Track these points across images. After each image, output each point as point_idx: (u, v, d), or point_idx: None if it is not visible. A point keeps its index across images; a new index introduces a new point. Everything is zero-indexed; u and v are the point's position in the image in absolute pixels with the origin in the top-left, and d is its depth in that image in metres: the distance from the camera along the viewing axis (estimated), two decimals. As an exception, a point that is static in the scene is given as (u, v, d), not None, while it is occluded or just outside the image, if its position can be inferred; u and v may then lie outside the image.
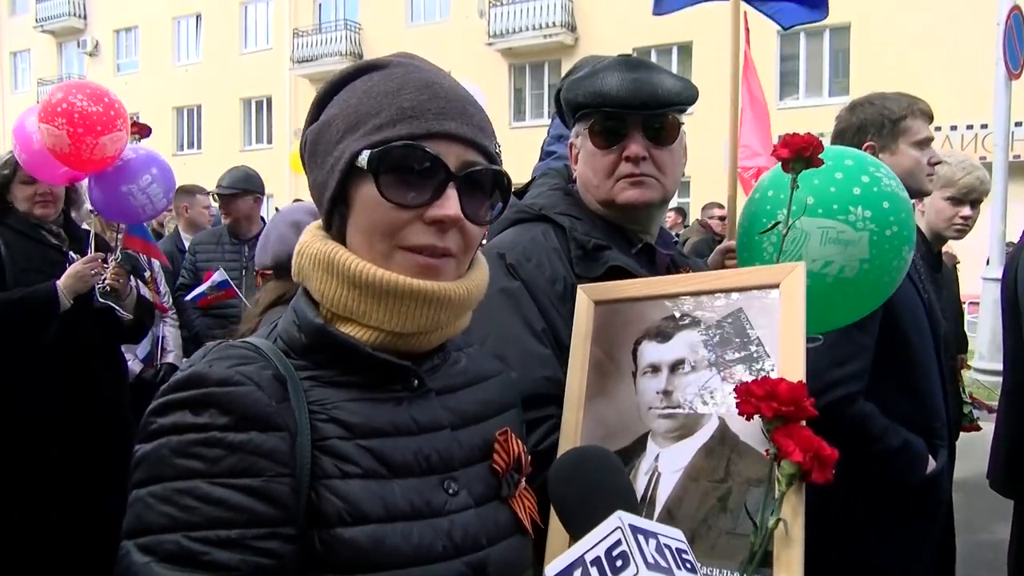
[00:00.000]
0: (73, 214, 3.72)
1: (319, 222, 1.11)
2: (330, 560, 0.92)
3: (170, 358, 4.58)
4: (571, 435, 1.30)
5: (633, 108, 1.62)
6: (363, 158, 0.99)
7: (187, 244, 5.29)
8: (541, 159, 2.58)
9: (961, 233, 3.28)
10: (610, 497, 0.93)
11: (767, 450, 1.09)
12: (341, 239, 1.05)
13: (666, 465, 1.21)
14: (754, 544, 1.05)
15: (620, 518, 0.85)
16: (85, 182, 3.65)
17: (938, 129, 16.30)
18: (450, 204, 0.99)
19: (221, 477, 0.88)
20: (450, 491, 1.02)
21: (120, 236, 3.73)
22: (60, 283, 3.32)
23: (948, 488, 2.47)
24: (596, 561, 0.83)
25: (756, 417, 1.07)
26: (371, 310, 1.01)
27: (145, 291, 3.91)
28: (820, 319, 1.64)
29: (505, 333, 1.54)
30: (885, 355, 2.20)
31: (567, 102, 1.74)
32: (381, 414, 1.01)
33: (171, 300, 4.65)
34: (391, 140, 0.99)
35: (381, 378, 1.03)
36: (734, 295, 1.29)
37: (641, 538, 0.84)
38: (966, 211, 3.23)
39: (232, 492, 0.88)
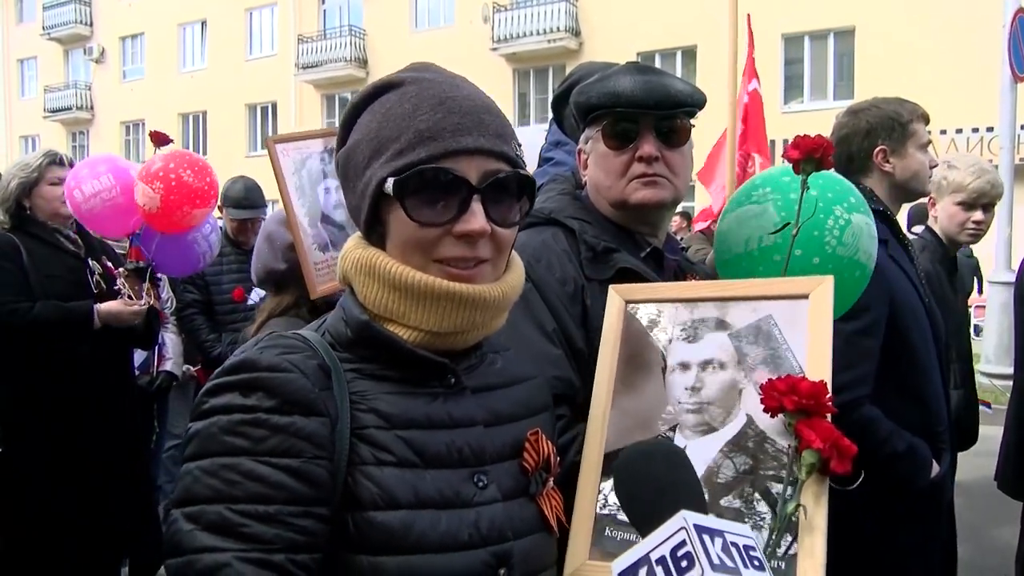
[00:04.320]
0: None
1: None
2: (362, 541, 0.98)
3: (168, 366, 4.58)
4: (599, 425, 1.34)
5: (647, 108, 1.65)
6: (389, 186, 1.04)
7: None
8: (539, 165, 2.60)
9: (975, 237, 3.27)
10: (677, 493, 0.98)
11: (789, 444, 1.13)
12: (381, 245, 1.11)
13: (693, 456, 1.24)
14: (774, 529, 1.09)
15: (685, 518, 0.88)
16: None
17: (943, 132, 16.32)
18: (475, 218, 1.04)
19: (264, 456, 0.95)
20: (480, 484, 1.07)
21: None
22: (99, 310, 3.43)
23: (951, 492, 2.47)
24: (661, 560, 0.86)
25: (780, 415, 1.13)
26: (410, 311, 1.07)
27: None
28: (840, 308, 1.69)
29: (516, 333, 1.55)
30: (888, 359, 2.21)
31: (578, 105, 1.76)
32: (418, 407, 1.06)
33: (173, 306, 4.64)
34: (413, 165, 1.03)
35: (420, 374, 1.09)
36: (764, 302, 1.33)
37: (707, 537, 0.87)
38: (978, 215, 3.23)
39: (273, 470, 0.94)
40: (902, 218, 3.61)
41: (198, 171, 3.43)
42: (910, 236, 2.92)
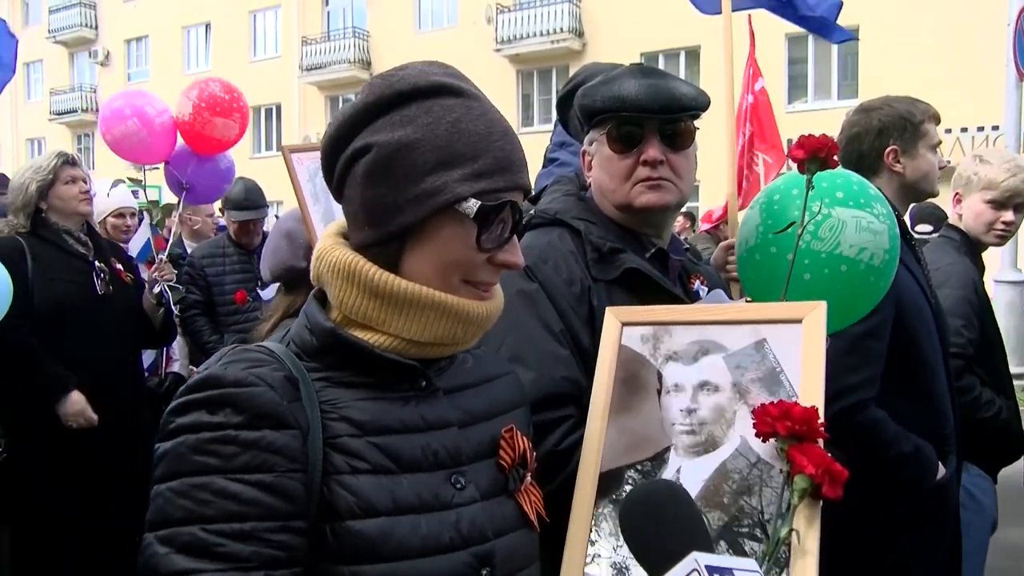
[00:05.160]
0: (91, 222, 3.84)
1: (335, 227, 1.14)
2: (341, 552, 0.97)
3: (176, 367, 4.59)
4: (595, 445, 1.34)
5: (652, 112, 1.64)
6: (470, 206, 1.03)
7: (188, 251, 5.21)
8: (544, 166, 2.60)
9: (1002, 239, 3.05)
10: (683, 534, 1.00)
11: (781, 468, 1.15)
12: (394, 252, 1.07)
13: (688, 477, 1.25)
14: (767, 553, 1.11)
15: (696, 560, 0.90)
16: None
17: (948, 131, 16.25)
18: (519, 252, 1.11)
19: (235, 473, 0.93)
20: (457, 485, 1.07)
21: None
22: (69, 399, 3.39)
23: (957, 493, 2.46)
24: None
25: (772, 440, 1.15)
26: (391, 318, 1.05)
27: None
28: (850, 308, 1.73)
29: (523, 334, 1.56)
30: (894, 360, 2.20)
31: (582, 108, 1.76)
32: (390, 412, 1.05)
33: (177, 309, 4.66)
34: (493, 191, 1.05)
35: (390, 379, 1.08)
36: (758, 327, 1.35)
37: None
38: (1008, 216, 3.00)
39: (246, 487, 0.93)
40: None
41: (225, 86, 4.51)
42: (916, 235, 2.88)
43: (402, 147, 1.04)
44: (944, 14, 17.65)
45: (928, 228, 5.76)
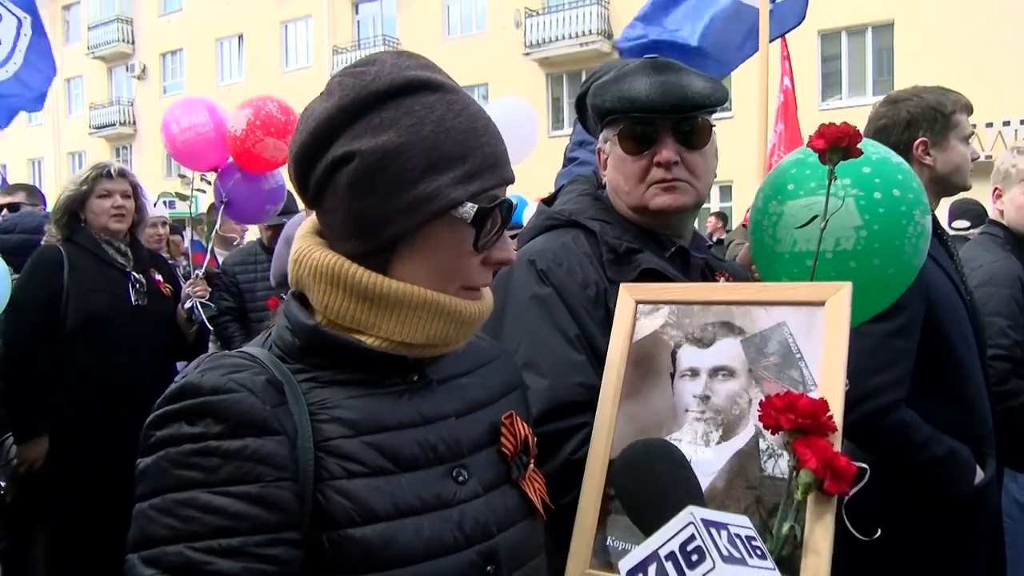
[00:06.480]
0: (137, 235, 3.85)
1: (309, 225, 1.09)
2: (342, 561, 0.93)
3: None
4: (604, 430, 1.30)
5: (663, 112, 1.59)
6: (467, 210, 1.00)
7: (219, 260, 5.26)
8: (564, 165, 2.57)
9: None
10: (679, 491, 0.97)
11: (789, 463, 1.10)
12: (383, 257, 1.02)
13: (699, 468, 1.20)
14: (771, 551, 1.05)
15: (692, 513, 0.88)
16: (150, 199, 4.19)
17: (989, 125, 15.91)
18: (511, 247, 1.08)
19: (220, 486, 0.89)
20: (459, 479, 1.03)
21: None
22: (24, 451, 3.43)
23: (997, 499, 2.37)
24: (671, 556, 0.86)
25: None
26: (380, 321, 1.01)
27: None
28: (861, 301, 1.59)
29: (537, 340, 1.53)
30: (926, 360, 2.12)
31: (594, 107, 1.72)
32: (384, 409, 1.01)
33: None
34: (485, 190, 1.02)
35: (380, 373, 1.03)
36: (778, 308, 1.29)
37: (714, 531, 0.87)
38: None
39: (232, 500, 0.88)
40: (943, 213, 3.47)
41: (282, 108, 4.32)
42: (951, 232, 2.78)
43: (388, 153, 0.98)
44: (982, 4, 17.25)
45: (965, 224, 5.60)
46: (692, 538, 0.86)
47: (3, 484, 3.53)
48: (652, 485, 0.98)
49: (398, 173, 0.98)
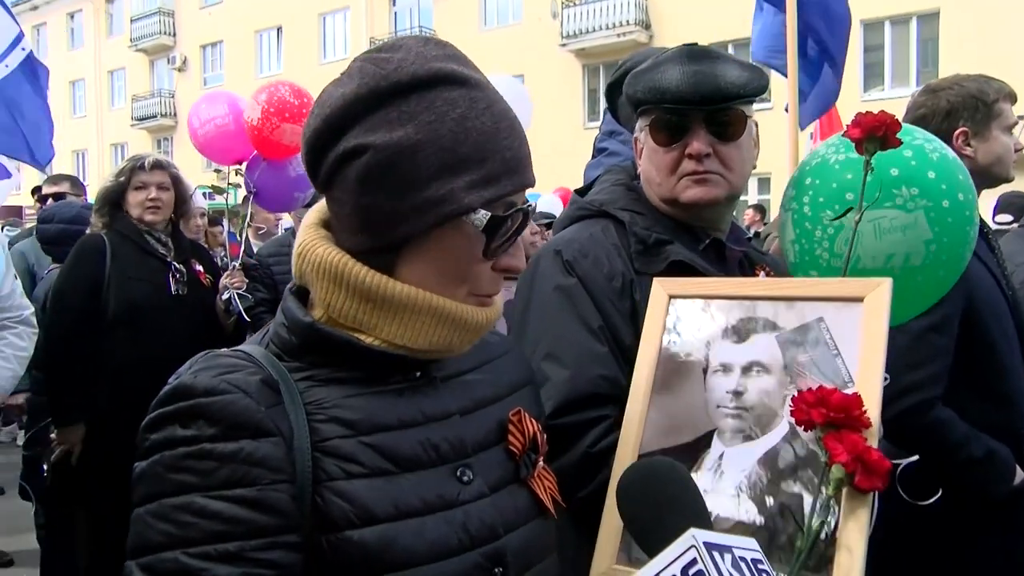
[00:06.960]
0: (181, 225, 3.91)
1: (315, 215, 1.06)
2: (341, 564, 0.90)
3: None
4: (635, 425, 1.28)
5: (693, 104, 1.55)
6: (479, 218, 0.96)
7: (254, 249, 5.27)
8: (594, 156, 2.55)
9: None
10: (682, 512, 0.94)
11: (822, 458, 1.08)
12: (389, 256, 0.99)
13: (730, 465, 1.19)
14: (801, 546, 1.04)
15: (694, 536, 0.86)
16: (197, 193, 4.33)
17: (1036, 117, 15.48)
18: (522, 255, 1.04)
19: (215, 489, 0.87)
20: (464, 479, 1.00)
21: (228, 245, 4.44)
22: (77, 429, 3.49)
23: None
24: None
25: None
26: (382, 323, 0.98)
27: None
28: (903, 309, 1.56)
29: (560, 331, 1.51)
30: (965, 357, 2.07)
31: (628, 97, 1.69)
32: (384, 407, 0.98)
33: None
34: (501, 197, 0.98)
35: (381, 370, 1.00)
36: (816, 304, 1.26)
37: (716, 554, 0.85)
38: None
39: (228, 504, 0.86)
40: (987, 205, 3.37)
41: (295, 91, 4.29)
42: (995, 226, 2.70)
43: (403, 150, 0.94)
44: (1032, -7, 16.76)
45: (1008, 218, 5.46)
46: (694, 562, 0.84)
47: (45, 468, 3.62)
48: (653, 507, 0.96)
49: (411, 172, 0.94)
